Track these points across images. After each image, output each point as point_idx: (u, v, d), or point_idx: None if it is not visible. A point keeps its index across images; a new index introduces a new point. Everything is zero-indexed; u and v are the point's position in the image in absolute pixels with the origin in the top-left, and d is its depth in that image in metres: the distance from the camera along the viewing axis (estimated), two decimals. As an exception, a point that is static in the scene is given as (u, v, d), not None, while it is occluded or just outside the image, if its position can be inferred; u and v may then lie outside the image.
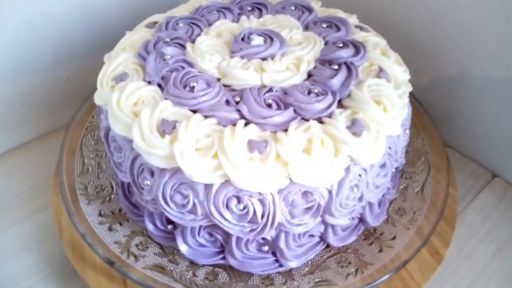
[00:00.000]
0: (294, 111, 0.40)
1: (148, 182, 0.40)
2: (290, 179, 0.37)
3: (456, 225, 0.50)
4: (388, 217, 0.49)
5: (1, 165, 0.61)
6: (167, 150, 0.38)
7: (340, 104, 0.42)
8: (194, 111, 0.40)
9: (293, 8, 0.54)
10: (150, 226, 0.44)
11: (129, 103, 0.41)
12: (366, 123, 0.40)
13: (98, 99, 0.45)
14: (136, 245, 0.44)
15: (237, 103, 0.41)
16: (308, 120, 0.40)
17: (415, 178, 0.53)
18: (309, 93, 0.41)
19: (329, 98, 0.41)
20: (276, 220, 0.39)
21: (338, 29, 0.51)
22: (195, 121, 0.39)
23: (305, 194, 0.39)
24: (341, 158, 0.38)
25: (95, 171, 0.52)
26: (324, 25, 0.51)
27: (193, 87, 0.41)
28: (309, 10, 0.54)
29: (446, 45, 0.59)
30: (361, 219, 0.46)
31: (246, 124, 0.39)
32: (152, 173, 0.40)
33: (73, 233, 0.46)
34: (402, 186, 0.52)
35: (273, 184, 0.37)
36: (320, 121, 0.40)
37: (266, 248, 0.42)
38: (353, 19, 0.54)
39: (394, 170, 0.47)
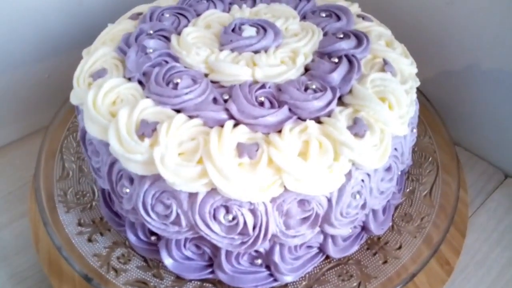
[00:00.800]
0: (289, 109, 0.36)
1: (128, 190, 0.36)
2: (285, 187, 0.33)
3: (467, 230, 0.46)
4: (393, 224, 0.45)
5: (-21, 169, 0.57)
6: (146, 155, 0.34)
7: (340, 102, 0.38)
8: (178, 111, 0.36)
9: (289, -4, 0.50)
10: (132, 238, 0.40)
11: (106, 102, 0.37)
12: (369, 123, 0.36)
13: (74, 98, 0.41)
14: (118, 258, 0.41)
15: (225, 101, 0.37)
16: (304, 120, 0.36)
17: (422, 181, 0.49)
18: (306, 89, 0.37)
19: (328, 95, 0.37)
20: (270, 232, 0.35)
21: (339, 18, 0.46)
22: (178, 122, 0.35)
23: (302, 202, 0.35)
24: (342, 163, 0.34)
25: (75, 176, 0.48)
26: (323, 15, 0.47)
27: (176, 84, 0.37)
28: (307, -2, 0.49)
29: (454, 35, 0.55)
30: (364, 227, 0.42)
31: (236, 125, 0.35)
32: (131, 180, 0.36)
33: (50, 244, 0.42)
34: (408, 190, 0.48)
35: (265, 192, 0.33)
36: (318, 121, 0.36)
37: (259, 261, 0.38)
38: (354, 8, 0.50)
39: (399, 173, 0.43)
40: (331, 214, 0.36)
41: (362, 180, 0.36)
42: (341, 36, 0.43)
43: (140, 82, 0.39)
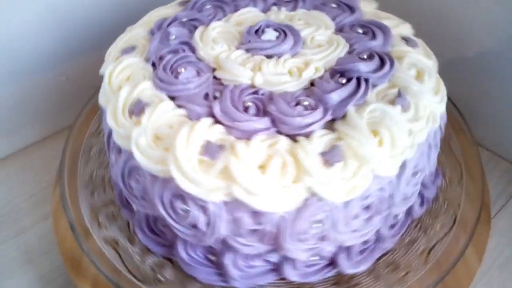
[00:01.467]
0: (273, 121, 0.36)
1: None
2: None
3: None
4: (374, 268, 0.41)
5: (1, 171, 0.57)
6: (129, 132, 0.37)
7: (332, 125, 0.36)
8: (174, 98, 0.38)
9: (334, 5, 0.47)
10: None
11: (120, 77, 0.41)
12: (344, 154, 0.33)
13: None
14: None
15: (215, 98, 0.38)
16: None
17: (430, 233, 0.43)
18: (297, 104, 0.36)
19: (316, 115, 0.35)
20: (217, 232, 0.35)
21: (374, 37, 0.43)
22: (163, 108, 0.37)
23: (256, 214, 0.34)
24: (299, 187, 0.32)
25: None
26: (360, 30, 0.44)
27: (179, 73, 0.39)
28: (352, 10, 0.46)
29: (476, 33, 0.51)
30: (333, 261, 0.39)
31: (217, 123, 0.36)
32: (120, 152, 0.39)
33: (75, 249, 0.42)
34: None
35: (215, 193, 0.33)
36: (295, 139, 0.35)
37: (212, 257, 0.39)
38: (405, 29, 0.45)
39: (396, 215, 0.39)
40: (285, 235, 0.35)
41: (326, 211, 0.34)
42: (365, 57, 0.40)
43: (154, 64, 0.42)
